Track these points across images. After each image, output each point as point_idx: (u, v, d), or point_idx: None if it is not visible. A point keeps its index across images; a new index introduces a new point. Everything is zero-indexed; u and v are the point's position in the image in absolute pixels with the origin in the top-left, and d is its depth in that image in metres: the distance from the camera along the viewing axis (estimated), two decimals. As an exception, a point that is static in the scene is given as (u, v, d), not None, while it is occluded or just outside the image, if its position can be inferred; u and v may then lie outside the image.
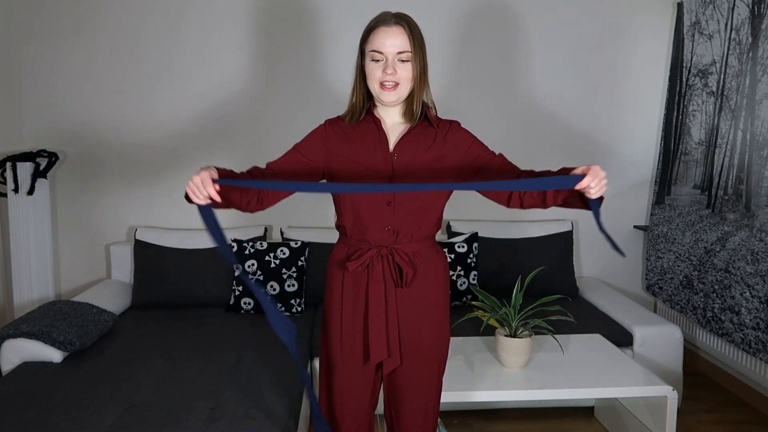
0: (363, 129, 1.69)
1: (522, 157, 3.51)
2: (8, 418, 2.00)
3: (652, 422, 2.36)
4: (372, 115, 1.69)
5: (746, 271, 2.73)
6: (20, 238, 3.19)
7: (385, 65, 1.58)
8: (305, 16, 3.37)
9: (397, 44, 1.57)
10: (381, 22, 1.59)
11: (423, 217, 1.68)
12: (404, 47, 1.57)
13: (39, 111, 3.35)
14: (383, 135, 1.67)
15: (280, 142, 3.42)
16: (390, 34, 1.57)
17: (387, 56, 1.57)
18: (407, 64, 1.58)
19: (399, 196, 1.65)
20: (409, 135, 1.67)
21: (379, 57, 1.58)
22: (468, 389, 2.21)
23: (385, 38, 1.57)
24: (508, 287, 2.60)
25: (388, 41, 1.57)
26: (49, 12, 3.28)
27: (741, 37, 2.84)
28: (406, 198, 1.65)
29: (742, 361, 2.93)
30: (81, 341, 2.52)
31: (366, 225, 1.67)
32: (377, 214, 1.66)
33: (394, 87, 1.59)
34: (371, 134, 1.68)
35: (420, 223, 1.68)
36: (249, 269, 3.09)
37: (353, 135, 1.69)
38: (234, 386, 2.24)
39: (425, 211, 1.68)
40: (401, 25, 1.58)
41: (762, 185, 2.67)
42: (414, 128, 1.67)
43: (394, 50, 1.57)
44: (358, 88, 1.67)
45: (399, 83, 1.59)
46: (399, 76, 1.59)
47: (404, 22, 1.59)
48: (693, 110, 3.22)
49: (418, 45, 1.59)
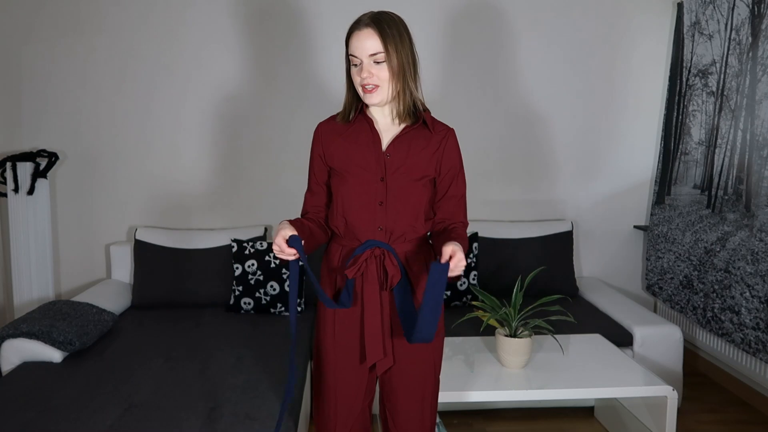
0: (356, 129, 1.71)
1: (522, 156, 3.54)
2: (8, 418, 2.00)
3: (652, 422, 2.36)
4: (364, 115, 1.70)
5: (746, 271, 2.73)
6: (20, 238, 3.19)
7: (361, 68, 1.61)
8: (302, 16, 3.37)
9: (368, 47, 1.59)
10: (355, 25, 1.63)
11: (415, 216, 1.69)
12: (375, 49, 1.58)
13: (39, 111, 3.35)
14: (376, 135, 1.69)
15: (280, 142, 3.46)
16: (361, 37, 1.59)
17: (362, 59, 1.60)
18: (383, 65, 1.60)
19: (391, 195, 1.66)
20: (403, 136, 1.68)
21: (356, 61, 1.62)
22: (468, 389, 2.21)
23: (357, 42, 1.60)
24: (508, 287, 2.60)
25: (359, 45, 1.60)
26: (49, 12, 3.28)
27: (741, 37, 2.84)
28: (397, 197, 1.66)
29: (742, 361, 2.93)
30: (81, 341, 2.52)
31: (358, 225, 1.68)
32: (370, 214, 1.67)
33: (374, 89, 1.61)
34: (364, 134, 1.70)
35: (412, 223, 1.69)
36: (249, 269, 3.09)
37: (346, 134, 1.71)
38: (234, 386, 2.24)
39: (416, 211, 1.69)
40: (371, 26, 1.59)
41: (762, 185, 2.67)
42: (409, 129, 1.69)
43: (367, 53, 1.59)
44: (348, 90, 1.71)
45: (379, 85, 1.61)
46: (378, 78, 1.60)
47: (376, 23, 1.59)
48: (693, 110, 3.22)
49: (393, 44, 1.59)
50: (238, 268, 3.10)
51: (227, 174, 3.47)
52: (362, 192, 1.67)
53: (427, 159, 1.68)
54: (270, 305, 3.06)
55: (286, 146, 3.47)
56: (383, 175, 1.66)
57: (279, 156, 3.46)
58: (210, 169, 3.45)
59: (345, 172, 1.69)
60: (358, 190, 1.67)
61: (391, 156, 1.67)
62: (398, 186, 1.66)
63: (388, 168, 1.66)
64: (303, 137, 3.42)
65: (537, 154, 3.56)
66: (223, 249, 3.23)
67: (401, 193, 1.66)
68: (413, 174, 1.67)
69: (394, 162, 1.66)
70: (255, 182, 3.48)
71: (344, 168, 1.69)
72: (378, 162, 1.66)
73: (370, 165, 1.67)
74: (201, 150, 3.44)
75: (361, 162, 1.67)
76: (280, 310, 3.06)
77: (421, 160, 1.68)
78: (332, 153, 1.71)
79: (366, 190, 1.67)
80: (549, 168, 3.58)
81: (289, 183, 3.48)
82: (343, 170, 1.69)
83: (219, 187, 3.47)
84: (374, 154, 1.67)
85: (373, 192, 1.66)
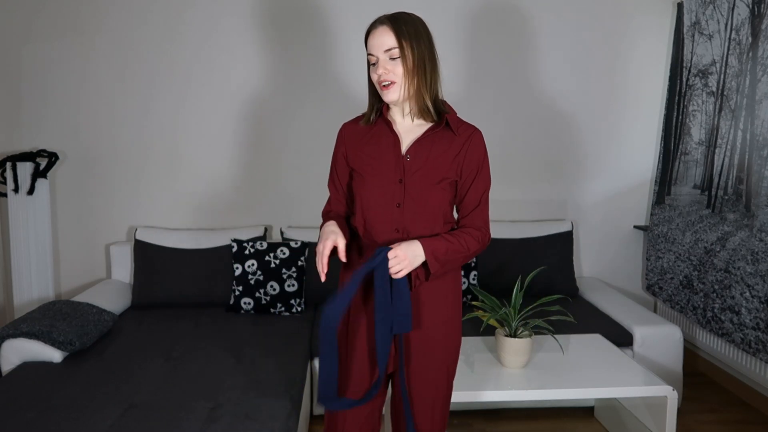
0: (377, 131, 1.72)
1: (522, 156, 3.54)
2: (8, 418, 2.00)
3: (652, 422, 2.36)
4: (384, 117, 1.71)
5: (746, 271, 2.73)
6: (20, 238, 3.19)
7: (377, 66, 1.62)
8: (306, 13, 3.37)
9: (383, 43, 1.60)
10: (372, 25, 1.65)
11: (433, 219, 1.68)
12: (390, 45, 1.60)
13: (39, 111, 3.35)
14: (395, 137, 1.69)
15: (280, 142, 3.46)
16: (377, 35, 1.62)
17: (378, 57, 1.62)
18: (397, 61, 1.60)
19: (408, 197, 1.65)
20: (425, 138, 1.68)
21: (373, 59, 1.64)
22: (468, 389, 2.21)
23: (372, 40, 1.62)
24: (508, 287, 2.60)
25: (375, 42, 1.62)
26: (49, 12, 3.28)
27: (741, 37, 2.84)
28: (415, 199, 1.66)
29: (742, 361, 2.93)
30: (81, 341, 2.52)
31: (376, 226, 1.68)
32: (387, 215, 1.67)
33: (390, 85, 1.62)
34: (385, 136, 1.70)
35: (430, 225, 1.68)
36: (249, 269, 3.09)
37: (368, 136, 1.73)
38: (234, 386, 2.24)
39: (434, 213, 1.68)
40: (386, 24, 1.61)
41: (762, 185, 2.67)
42: (431, 131, 1.68)
43: (382, 49, 1.61)
44: (370, 92, 1.73)
45: (395, 81, 1.62)
46: (393, 74, 1.61)
47: (391, 20, 1.61)
48: (693, 110, 3.22)
49: (407, 40, 1.59)
50: (238, 268, 3.10)
51: (227, 174, 3.47)
52: (380, 193, 1.67)
53: (448, 162, 1.67)
54: (270, 305, 3.06)
55: (286, 146, 3.47)
56: (402, 177, 1.66)
57: (279, 156, 3.46)
58: (210, 168, 3.45)
59: (365, 173, 1.70)
60: (377, 192, 1.68)
61: (411, 158, 1.66)
62: (416, 188, 1.66)
63: (407, 170, 1.66)
64: (304, 137, 3.45)
65: (537, 154, 3.56)
66: (223, 249, 3.23)
67: (419, 195, 1.66)
68: (433, 177, 1.66)
69: (414, 164, 1.66)
70: (255, 182, 3.48)
71: (364, 169, 1.70)
72: (397, 164, 1.66)
73: (389, 167, 1.67)
74: (201, 150, 3.44)
75: (380, 164, 1.68)
76: (280, 310, 3.06)
77: (442, 163, 1.66)
78: (354, 154, 1.73)
79: (384, 192, 1.67)
80: (549, 168, 3.58)
81: (290, 183, 3.48)
82: (363, 171, 1.70)
83: (219, 187, 3.47)
84: (394, 156, 1.67)
85: (391, 194, 1.66)
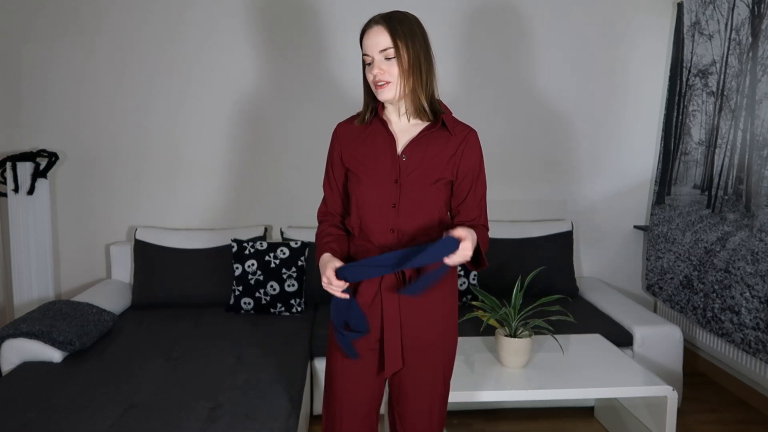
0: (373, 131, 1.71)
1: (522, 156, 3.54)
2: (8, 418, 2.00)
3: (652, 422, 2.36)
4: (380, 117, 1.70)
5: (746, 271, 2.73)
6: (20, 238, 3.19)
7: (373, 66, 1.62)
8: (305, 13, 3.37)
9: (378, 43, 1.60)
10: (366, 25, 1.64)
11: (429, 219, 1.68)
12: (385, 44, 1.59)
13: (39, 111, 3.35)
14: (391, 136, 1.68)
15: (280, 142, 3.46)
16: (371, 35, 1.61)
17: (373, 56, 1.61)
18: (393, 60, 1.60)
19: (404, 197, 1.65)
20: (421, 138, 1.68)
21: (368, 59, 1.63)
22: (468, 389, 2.21)
23: (367, 40, 1.62)
24: (508, 287, 2.60)
25: (370, 42, 1.61)
26: (49, 12, 3.28)
27: (741, 37, 2.83)
28: (410, 199, 1.65)
29: (742, 361, 2.93)
30: (81, 341, 2.52)
31: (371, 226, 1.68)
32: (382, 215, 1.66)
33: (385, 84, 1.62)
34: (380, 136, 1.70)
35: (425, 225, 1.68)
36: (249, 269, 3.09)
37: (363, 136, 1.72)
38: (234, 386, 2.24)
39: (430, 214, 1.68)
40: (381, 23, 1.61)
41: (762, 185, 2.67)
42: (427, 131, 1.68)
43: (377, 49, 1.60)
44: (365, 92, 1.72)
45: (390, 81, 1.61)
46: (388, 74, 1.61)
47: (386, 20, 1.61)
48: (693, 110, 3.22)
49: (402, 40, 1.59)
50: (238, 268, 3.10)
51: (227, 174, 3.47)
52: (376, 193, 1.67)
53: (444, 162, 1.67)
54: (270, 305, 3.06)
55: (286, 146, 3.47)
56: (398, 177, 1.66)
57: (279, 156, 3.46)
58: (210, 168, 3.45)
59: (360, 173, 1.69)
60: (372, 192, 1.67)
61: (407, 158, 1.66)
62: (412, 189, 1.65)
63: (403, 170, 1.66)
64: (303, 137, 3.45)
65: (537, 154, 3.56)
66: (223, 249, 3.23)
67: (415, 195, 1.66)
68: (429, 177, 1.66)
69: (410, 164, 1.66)
70: (255, 182, 3.48)
71: (359, 169, 1.69)
72: (393, 164, 1.66)
73: (385, 167, 1.66)
74: (201, 150, 3.44)
75: (375, 164, 1.67)
76: (280, 310, 3.06)
77: (438, 164, 1.66)
78: (349, 154, 1.72)
79: (380, 192, 1.66)
80: (549, 168, 3.58)
81: (290, 183, 3.48)
82: (358, 171, 1.69)
83: (219, 187, 3.48)
84: (390, 156, 1.67)
85: (386, 194, 1.66)
